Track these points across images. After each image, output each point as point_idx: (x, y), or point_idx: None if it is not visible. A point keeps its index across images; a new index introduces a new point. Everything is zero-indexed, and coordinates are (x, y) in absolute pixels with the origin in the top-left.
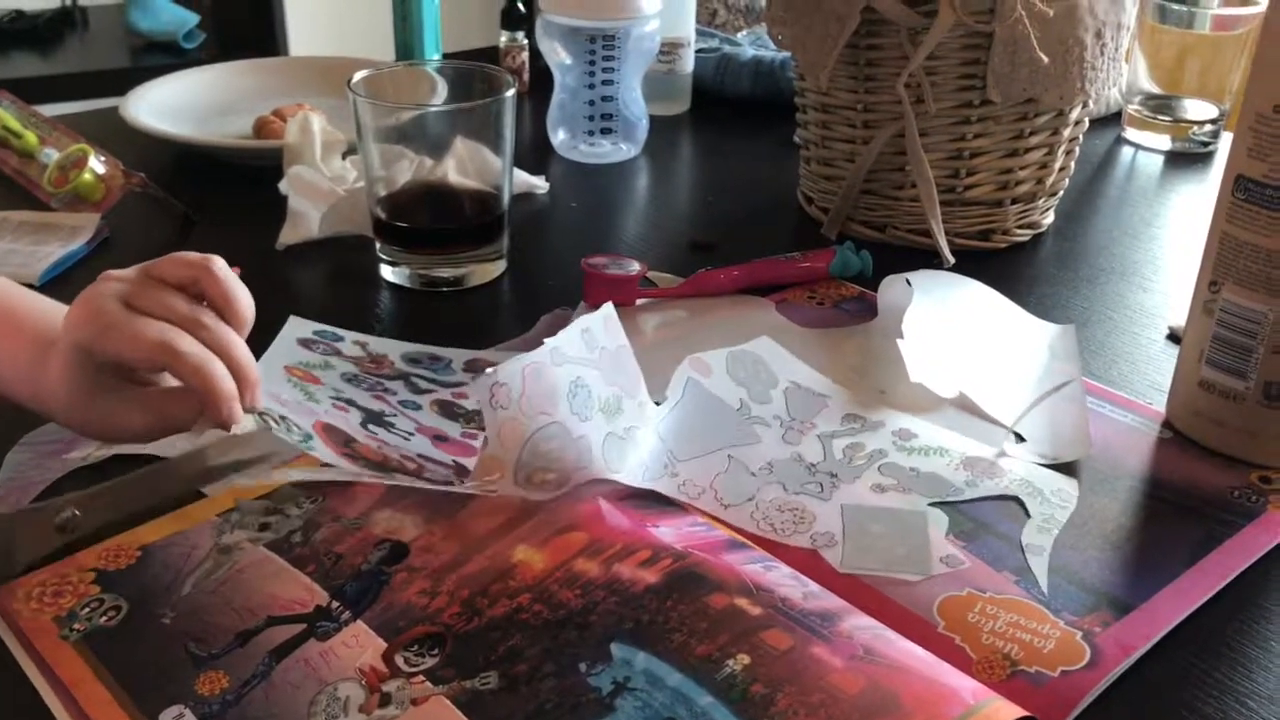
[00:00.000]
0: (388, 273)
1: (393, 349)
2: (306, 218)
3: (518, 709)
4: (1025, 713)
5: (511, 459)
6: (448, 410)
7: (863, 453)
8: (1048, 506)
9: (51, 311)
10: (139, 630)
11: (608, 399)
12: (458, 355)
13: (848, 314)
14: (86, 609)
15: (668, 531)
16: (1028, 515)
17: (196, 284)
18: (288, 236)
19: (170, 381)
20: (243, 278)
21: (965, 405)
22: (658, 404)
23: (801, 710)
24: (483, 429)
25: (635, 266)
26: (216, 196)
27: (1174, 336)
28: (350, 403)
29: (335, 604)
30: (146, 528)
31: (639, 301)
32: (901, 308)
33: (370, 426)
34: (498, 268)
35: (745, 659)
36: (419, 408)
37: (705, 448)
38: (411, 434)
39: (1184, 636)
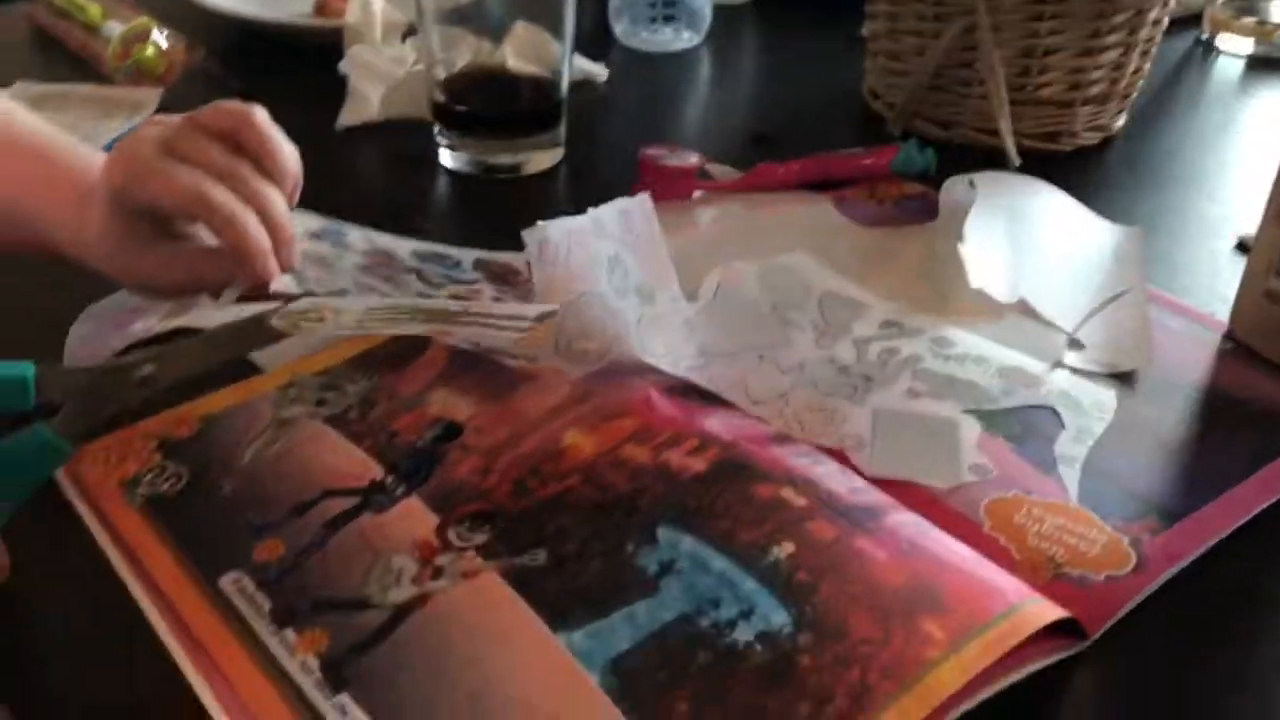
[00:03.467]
0: (445, 157)
1: (401, 246)
2: (366, 99)
3: (565, 586)
4: (1066, 614)
5: (553, 324)
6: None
7: (898, 358)
8: (1084, 418)
9: (95, 160)
10: (199, 498)
11: (642, 284)
12: (466, 255)
13: (908, 213)
14: (150, 475)
15: (716, 423)
16: (1063, 426)
17: (237, 133)
18: (347, 117)
19: (212, 241)
20: (300, 157)
21: (1024, 310)
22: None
23: (844, 599)
24: None
25: (693, 158)
26: (276, 75)
27: (1243, 246)
28: (370, 289)
29: (390, 479)
30: (207, 399)
31: (695, 194)
32: (964, 209)
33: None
34: (554, 155)
35: (790, 547)
36: (435, 299)
37: (736, 345)
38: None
39: (1234, 548)
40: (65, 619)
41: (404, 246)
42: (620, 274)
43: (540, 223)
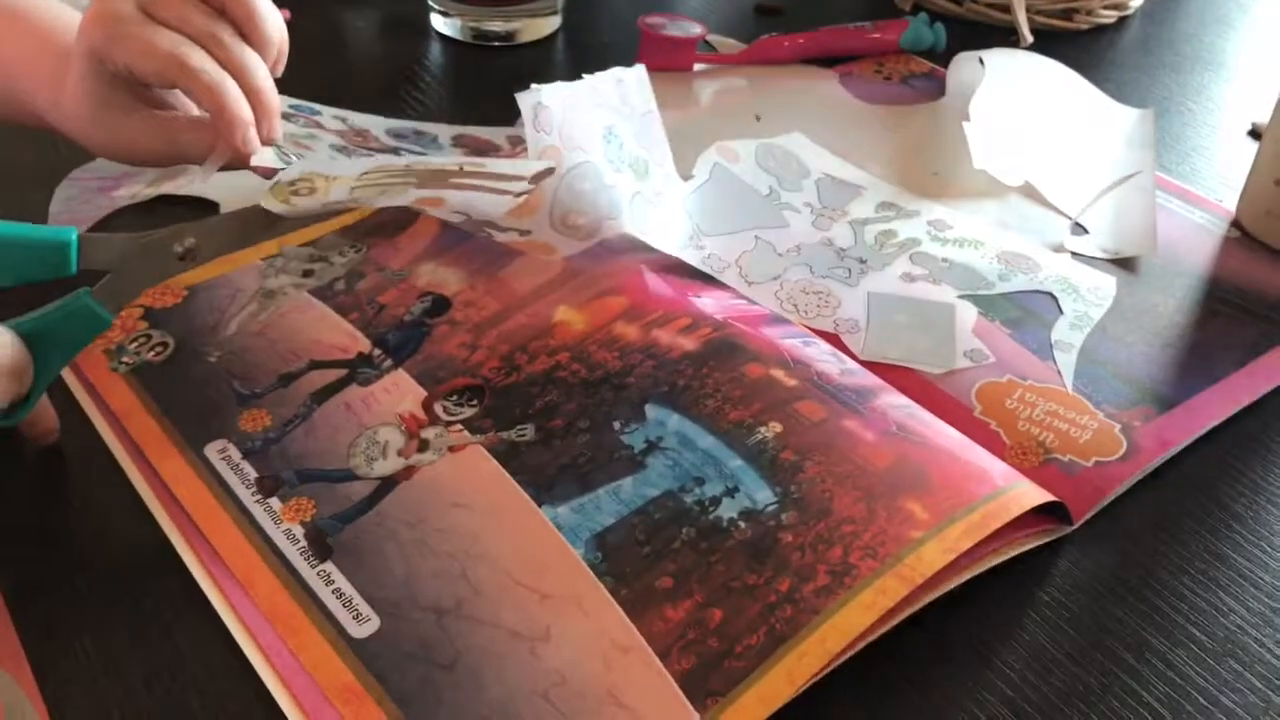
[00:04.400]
0: (439, 23)
1: (375, 124)
2: None
3: (551, 461)
4: (1052, 498)
5: (548, 195)
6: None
7: (895, 240)
8: (1082, 304)
9: (74, 21)
10: (185, 366)
11: (637, 158)
12: (443, 130)
13: (914, 91)
14: (135, 343)
15: (709, 302)
16: (1061, 312)
17: None
18: None
19: (193, 110)
20: (292, 21)
21: (1029, 193)
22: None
23: (829, 479)
24: None
25: (696, 29)
26: None
27: (1255, 133)
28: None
29: (377, 351)
30: (193, 271)
31: (697, 66)
32: (972, 88)
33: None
34: (551, 23)
35: (777, 426)
36: None
37: (732, 226)
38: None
39: (1224, 437)
40: (51, 486)
41: (379, 124)
42: (615, 146)
43: (535, 86)
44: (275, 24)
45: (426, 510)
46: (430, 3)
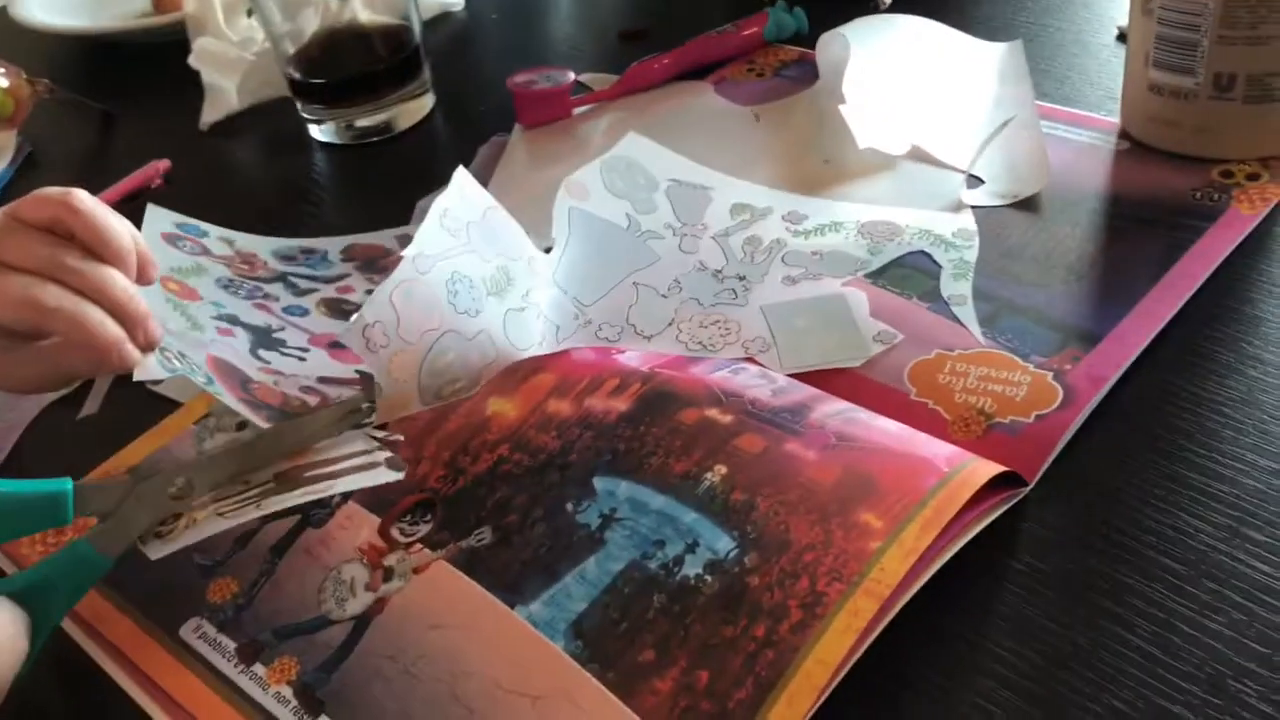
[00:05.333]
0: (315, 131)
1: (260, 245)
2: (223, 91)
3: (514, 559)
4: (1000, 469)
5: (413, 388)
6: (336, 309)
7: (761, 247)
8: (954, 251)
9: None
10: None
11: (492, 276)
12: (332, 245)
13: (790, 80)
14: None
15: (633, 355)
16: (939, 266)
17: (60, 223)
18: (209, 115)
19: None
20: (174, 166)
21: (918, 157)
22: (547, 251)
23: (782, 510)
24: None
25: (566, 76)
26: (130, 83)
27: (1124, 37)
28: (234, 320)
29: None
30: (129, 449)
31: (576, 110)
32: (842, 66)
33: (260, 352)
34: (425, 104)
35: (722, 469)
36: (306, 312)
37: (608, 282)
38: (306, 350)
39: (1156, 355)
40: (33, 704)
41: (265, 246)
42: (465, 289)
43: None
44: (122, 234)
45: (405, 639)
46: (303, 114)
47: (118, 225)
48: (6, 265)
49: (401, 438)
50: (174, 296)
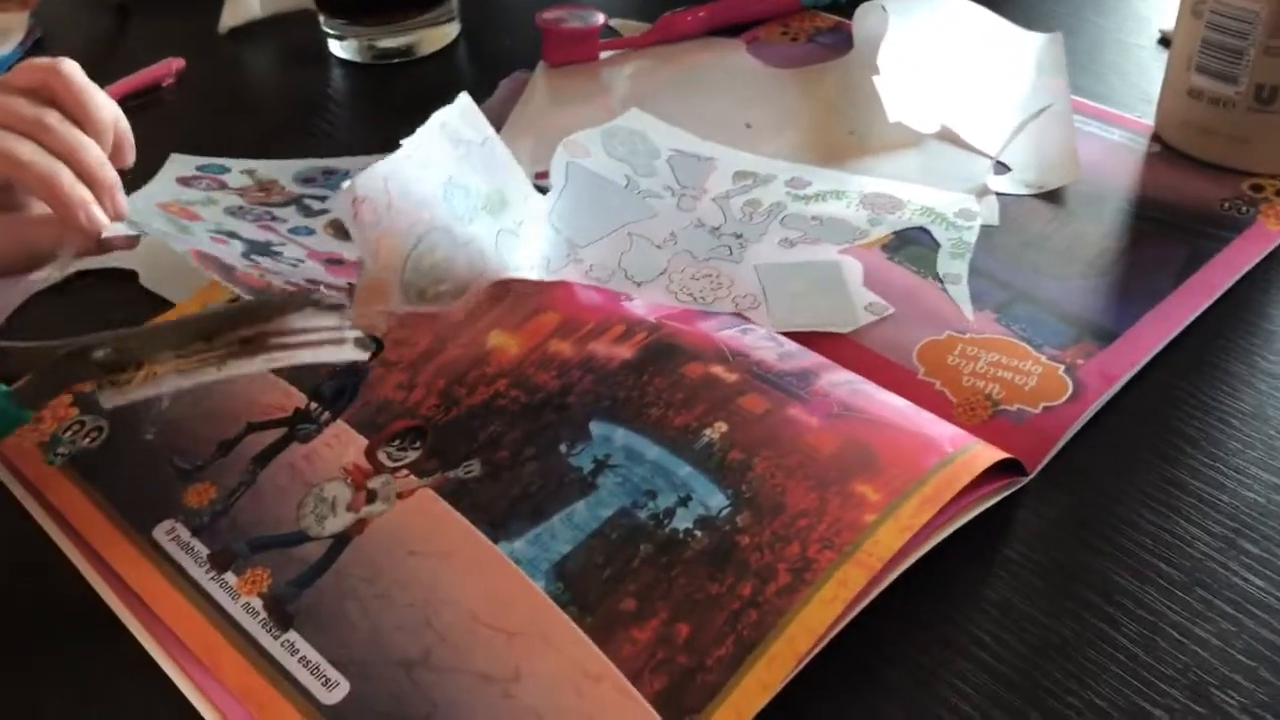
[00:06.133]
0: (335, 48)
1: (283, 171)
2: None
3: (501, 494)
4: (1003, 455)
5: (395, 280)
6: (342, 231)
7: (761, 209)
8: (954, 231)
9: None
10: (122, 449)
11: (489, 194)
12: (354, 164)
13: (823, 48)
14: (69, 432)
15: (641, 304)
16: (938, 244)
17: (47, 88)
18: (229, 18)
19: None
20: (188, 67)
21: (947, 137)
22: (543, 194)
23: (779, 473)
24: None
25: (597, 18)
26: None
27: (1165, 41)
28: (232, 235)
29: (314, 405)
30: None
31: (603, 55)
32: (878, 38)
33: (253, 256)
34: (450, 31)
35: (722, 426)
36: (312, 232)
37: (602, 229)
38: (301, 260)
39: (1169, 360)
40: None
41: (287, 171)
42: (460, 196)
43: (349, 180)
44: (107, 107)
45: (383, 562)
46: (325, 29)
47: (100, 99)
48: None
49: (382, 308)
50: (171, 215)
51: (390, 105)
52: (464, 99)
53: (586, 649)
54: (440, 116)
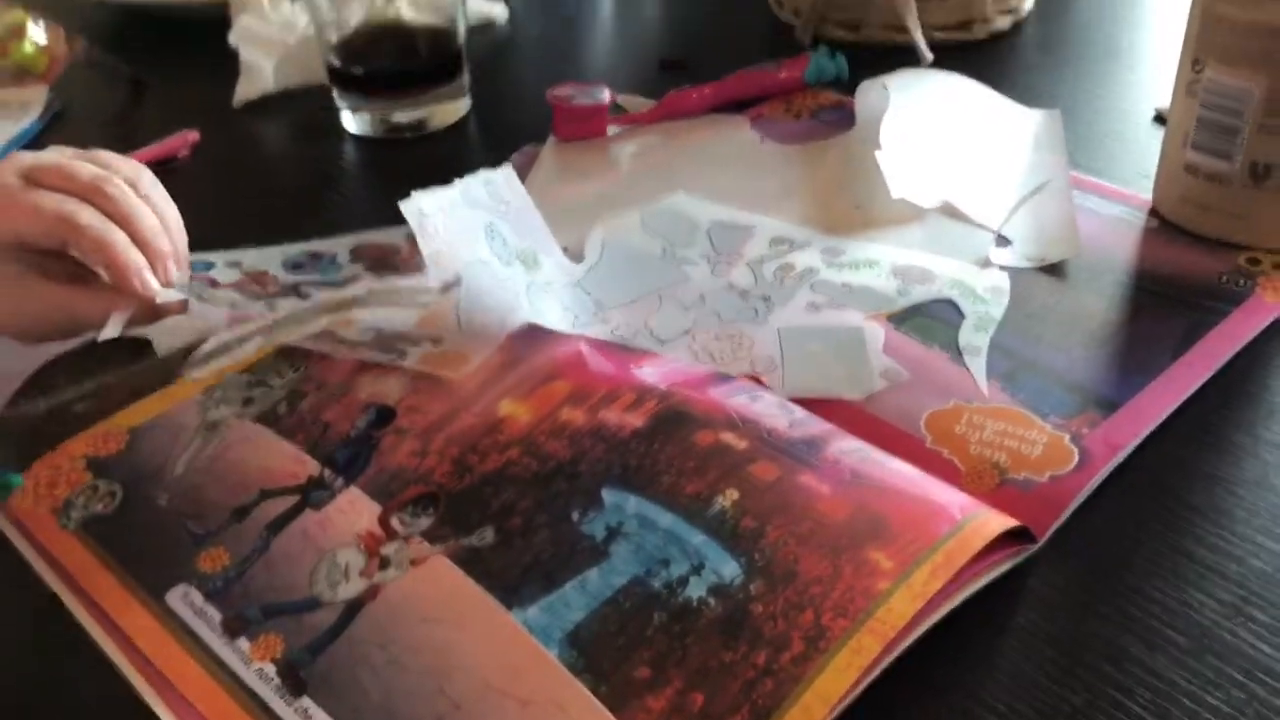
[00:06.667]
0: (348, 121)
1: (269, 259)
2: (260, 70)
3: (514, 562)
4: (1012, 523)
5: (453, 295)
6: None
7: (793, 273)
8: (982, 305)
9: None
10: (136, 513)
11: (523, 250)
12: (341, 246)
13: (826, 124)
14: (82, 497)
15: (651, 372)
16: (963, 316)
17: (101, 158)
18: (243, 93)
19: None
20: (201, 140)
21: (949, 212)
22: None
23: (791, 540)
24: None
25: (604, 94)
26: (166, 55)
27: (1161, 118)
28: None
29: (327, 472)
30: (132, 410)
31: (610, 130)
32: (880, 114)
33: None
34: (461, 107)
35: (734, 494)
36: None
37: (633, 294)
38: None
39: (1172, 430)
40: (11, 657)
41: (274, 260)
42: (499, 242)
43: (414, 193)
44: (158, 187)
45: (396, 629)
46: (338, 103)
47: (154, 183)
48: (45, 187)
49: (410, 429)
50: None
51: (402, 178)
52: (508, 168)
53: (601, 717)
54: (485, 174)
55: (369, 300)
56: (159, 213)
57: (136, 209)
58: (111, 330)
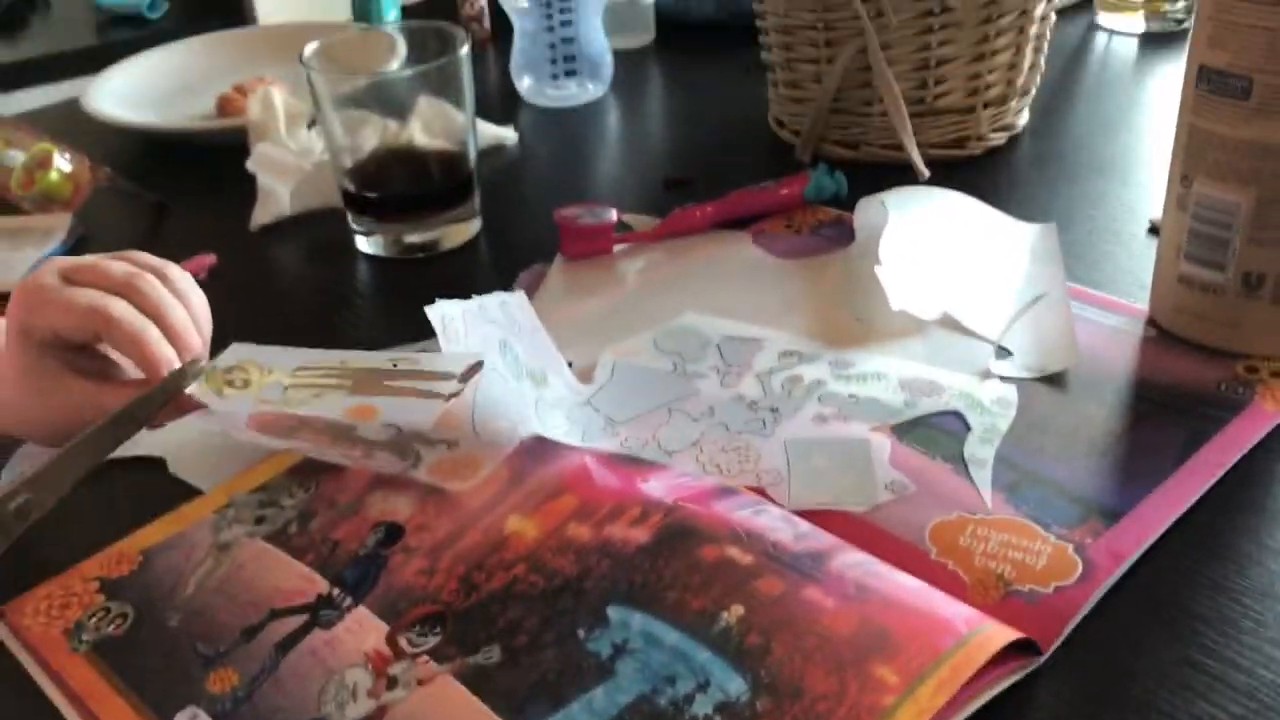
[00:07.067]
0: (362, 243)
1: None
2: (277, 196)
3: (521, 680)
4: (1017, 635)
5: (470, 397)
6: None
7: (801, 385)
8: (989, 417)
9: None
10: (147, 635)
11: (533, 369)
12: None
13: (826, 240)
14: (94, 619)
15: (657, 485)
16: (969, 428)
17: (135, 257)
18: (260, 216)
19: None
20: (218, 263)
21: (949, 324)
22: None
23: (797, 656)
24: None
25: (610, 214)
26: (187, 180)
27: (1155, 230)
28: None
29: (336, 591)
30: (145, 531)
31: (617, 248)
32: (878, 229)
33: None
34: (472, 228)
35: (739, 610)
36: None
37: (643, 409)
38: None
39: (1176, 539)
40: None
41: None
42: (511, 358)
43: (439, 301)
44: (195, 288)
45: None
46: (352, 226)
47: (188, 280)
48: (81, 285)
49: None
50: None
51: (414, 297)
52: (520, 294)
53: None
54: (501, 295)
55: (395, 378)
56: (189, 307)
57: (168, 303)
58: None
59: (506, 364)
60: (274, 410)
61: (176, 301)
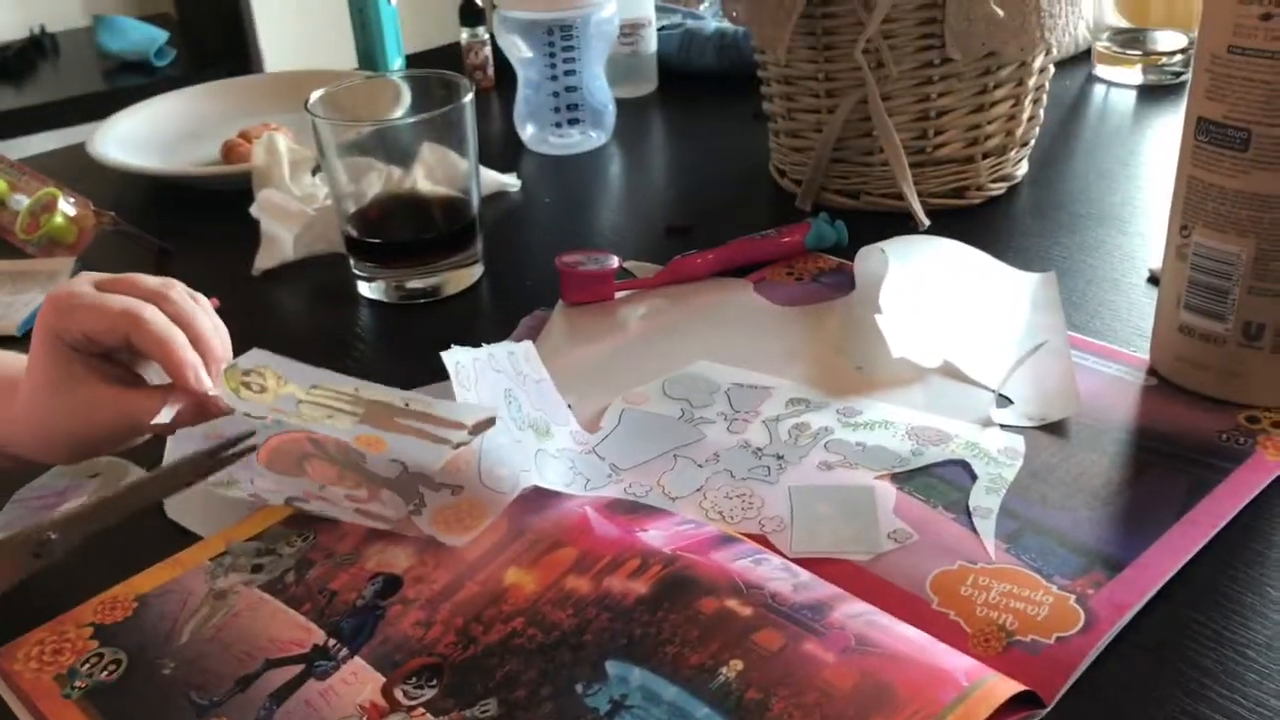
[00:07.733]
0: (364, 288)
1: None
2: (280, 241)
3: None
4: (1019, 688)
5: (476, 443)
6: None
7: (808, 432)
8: (995, 466)
9: (16, 359)
10: (140, 683)
11: (536, 420)
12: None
13: (826, 288)
14: (87, 665)
15: (656, 535)
16: (974, 477)
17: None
18: (263, 261)
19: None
20: (222, 307)
21: (949, 373)
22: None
23: (797, 713)
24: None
25: (611, 261)
26: (191, 225)
27: (1155, 279)
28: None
29: (332, 642)
30: (141, 577)
31: (618, 295)
32: (879, 278)
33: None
34: (474, 273)
35: (738, 664)
36: None
37: (649, 455)
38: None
39: (1178, 589)
40: None
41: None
42: (515, 408)
43: (454, 347)
44: (208, 307)
45: None
46: (355, 271)
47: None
48: (114, 291)
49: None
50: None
51: (415, 343)
52: (528, 345)
53: None
54: (509, 345)
55: (407, 417)
56: (207, 305)
57: (194, 312)
58: (164, 417)
59: (510, 414)
60: (285, 418)
61: (202, 312)
